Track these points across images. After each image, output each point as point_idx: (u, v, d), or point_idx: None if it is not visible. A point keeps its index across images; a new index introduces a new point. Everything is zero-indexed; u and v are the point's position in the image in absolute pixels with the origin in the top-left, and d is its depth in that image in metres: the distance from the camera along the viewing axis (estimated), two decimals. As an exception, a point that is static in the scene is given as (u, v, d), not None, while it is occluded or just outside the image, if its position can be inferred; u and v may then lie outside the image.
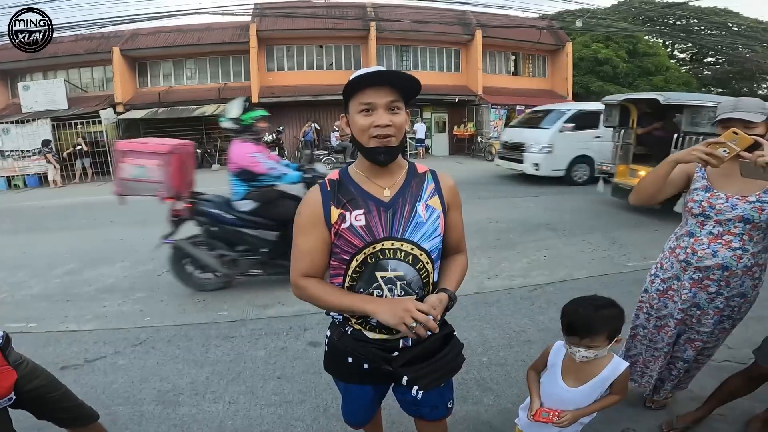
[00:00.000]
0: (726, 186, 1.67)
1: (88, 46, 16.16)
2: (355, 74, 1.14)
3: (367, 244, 1.17)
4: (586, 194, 8.53)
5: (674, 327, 1.83)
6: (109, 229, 6.67)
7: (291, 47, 17.31)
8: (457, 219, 1.33)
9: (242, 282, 4.08)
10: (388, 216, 1.18)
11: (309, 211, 1.22)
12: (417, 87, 1.17)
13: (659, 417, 2.02)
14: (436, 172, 1.31)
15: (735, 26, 24.75)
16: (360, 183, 1.23)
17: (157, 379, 2.58)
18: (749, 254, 1.64)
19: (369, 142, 1.15)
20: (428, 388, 1.23)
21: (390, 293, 1.19)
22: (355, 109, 1.15)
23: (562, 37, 18.78)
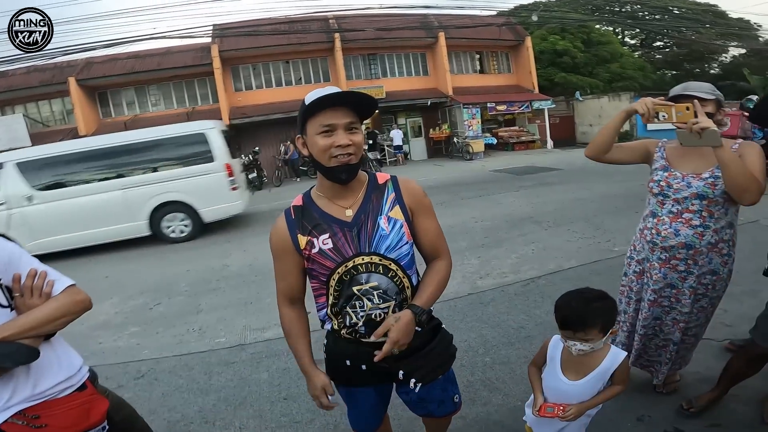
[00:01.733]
0: (682, 165, 1.76)
1: (42, 77, 15.62)
2: (313, 96, 1.18)
3: (339, 263, 1.24)
4: (565, 183, 8.77)
5: (648, 308, 1.87)
6: (92, 267, 6.51)
7: (257, 65, 17.18)
8: (426, 223, 1.33)
9: (236, 308, 4.04)
10: (354, 234, 1.24)
11: (277, 239, 1.30)
12: (374, 105, 1.23)
13: (674, 402, 2.05)
14: (397, 179, 1.34)
15: (676, 9, 25.85)
16: (322, 206, 1.28)
17: (165, 410, 2.55)
18: (711, 231, 1.70)
19: (330, 162, 1.19)
20: (425, 380, 1.31)
21: (369, 302, 1.26)
22: (314, 131, 1.19)
23: (520, 33, 19.26)
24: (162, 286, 5.03)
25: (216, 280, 5.00)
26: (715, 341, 2.50)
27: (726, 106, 1.76)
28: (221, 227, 8.40)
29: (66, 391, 1.18)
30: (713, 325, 2.62)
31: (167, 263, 6.18)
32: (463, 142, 16.37)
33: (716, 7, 26.68)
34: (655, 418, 1.98)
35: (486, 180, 10.56)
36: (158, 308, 4.34)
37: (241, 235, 7.50)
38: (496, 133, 17.92)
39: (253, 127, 16.36)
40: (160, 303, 4.48)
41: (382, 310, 1.27)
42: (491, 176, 11.16)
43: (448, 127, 17.80)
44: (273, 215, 8.79)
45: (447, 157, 17.63)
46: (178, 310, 4.21)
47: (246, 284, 4.71)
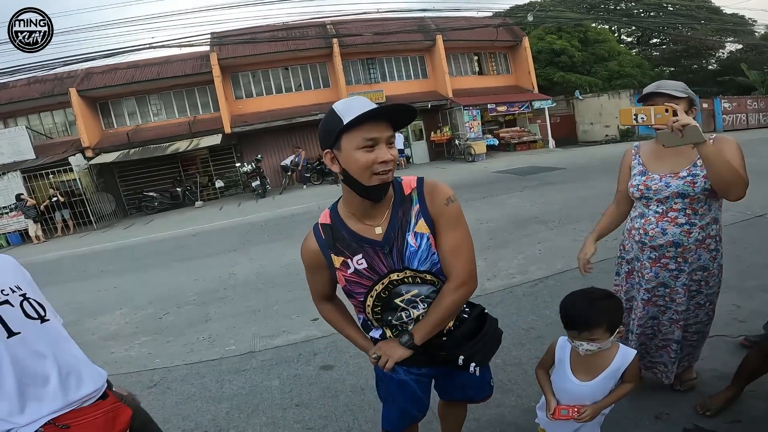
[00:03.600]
0: (659, 167, 1.79)
1: (43, 89, 15.66)
2: (350, 108, 1.10)
3: (375, 281, 1.25)
4: (568, 182, 8.76)
5: (643, 308, 1.87)
6: (101, 278, 6.53)
7: (256, 72, 17.26)
8: (444, 237, 1.23)
9: (244, 316, 4.06)
10: (386, 253, 1.24)
11: (310, 256, 1.31)
12: (414, 117, 1.18)
13: (691, 400, 2.04)
14: (422, 185, 1.26)
15: (670, 6, 25.91)
16: (351, 226, 1.25)
17: (179, 419, 2.56)
18: (697, 228, 1.72)
19: (371, 180, 1.12)
20: (483, 363, 1.32)
21: (415, 310, 1.27)
22: (354, 145, 1.10)
23: (518, 33, 19.31)
24: (170, 296, 5.05)
25: (223, 289, 5.01)
26: (729, 337, 2.49)
27: (697, 105, 1.76)
28: (228, 236, 8.44)
29: (91, 400, 1.20)
30: (727, 321, 2.63)
31: (174, 273, 6.20)
32: (464, 144, 16.39)
33: (710, 3, 26.74)
34: (673, 415, 1.97)
35: (489, 181, 10.55)
36: (168, 317, 4.36)
37: (247, 243, 7.52)
38: (497, 134, 17.94)
39: (255, 135, 16.42)
40: (169, 312, 4.50)
41: None
42: (494, 177, 11.15)
43: (449, 129, 17.83)
44: (277, 223, 8.86)
45: (449, 160, 17.65)
46: (188, 319, 4.22)
47: (253, 292, 4.73)
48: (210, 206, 14.44)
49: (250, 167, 14.66)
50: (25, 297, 1.20)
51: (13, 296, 1.17)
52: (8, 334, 1.10)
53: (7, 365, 1.08)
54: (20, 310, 1.16)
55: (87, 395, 1.19)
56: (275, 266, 5.59)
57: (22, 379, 1.09)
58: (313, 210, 9.89)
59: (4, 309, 1.12)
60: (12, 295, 1.17)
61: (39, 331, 1.17)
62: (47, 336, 1.19)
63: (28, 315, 1.17)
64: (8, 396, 1.08)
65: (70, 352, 1.24)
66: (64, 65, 13.78)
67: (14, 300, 1.16)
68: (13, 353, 1.09)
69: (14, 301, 1.16)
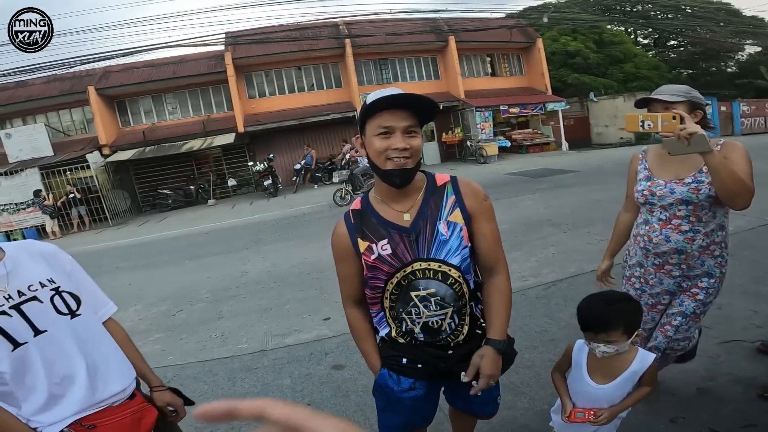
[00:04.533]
0: (664, 173, 1.76)
1: (61, 87, 15.93)
2: (374, 97, 1.16)
3: (397, 269, 1.23)
4: (582, 185, 8.67)
5: (647, 312, 1.86)
6: (115, 275, 6.63)
7: (269, 72, 17.37)
8: (485, 227, 1.28)
9: (256, 314, 4.09)
10: (412, 240, 1.23)
11: (339, 244, 1.31)
12: (434, 110, 1.21)
13: (707, 405, 2.02)
14: (457, 181, 1.30)
15: (688, 8, 25.49)
16: (380, 211, 1.27)
17: (191, 417, 2.56)
18: (701, 234, 1.69)
19: (385, 165, 1.18)
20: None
21: (426, 309, 1.24)
22: (372, 132, 1.17)
23: (531, 34, 19.15)
24: (183, 293, 5.11)
25: (236, 287, 5.06)
26: (746, 342, 2.47)
27: (702, 108, 1.70)
28: (240, 235, 8.52)
29: (120, 400, 1.20)
30: (745, 326, 2.62)
31: (187, 270, 6.27)
32: (476, 146, 16.28)
33: (729, 6, 26.25)
34: (689, 419, 1.96)
35: (501, 183, 10.48)
36: (181, 315, 4.41)
37: (259, 242, 7.57)
38: (509, 136, 17.79)
39: (267, 134, 16.53)
40: (182, 310, 4.55)
41: (440, 317, 1.26)
42: (506, 179, 11.07)
43: (460, 130, 17.74)
44: (289, 222, 8.91)
45: (460, 161, 17.54)
46: (200, 317, 4.27)
47: (265, 290, 4.76)
48: (222, 204, 14.58)
49: (262, 166, 14.76)
50: (58, 291, 1.18)
51: (42, 291, 1.15)
52: (35, 332, 1.09)
53: (38, 364, 1.07)
54: (50, 306, 1.14)
55: (115, 394, 1.18)
56: (287, 265, 5.62)
57: (50, 378, 1.09)
58: (323, 210, 9.92)
59: (30, 306, 1.11)
60: (42, 290, 1.15)
61: (68, 327, 1.15)
62: (77, 332, 1.17)
63: (58, 310, 1.15)
64: (36, 395, 1.07)
65: (101, 349, 1.22)
66: (82, 64, 14.02)
67: (44, 296, 1.14)
68: (41, 352, 1.08)
69: (44, 297, 1.14)
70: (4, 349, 1.04)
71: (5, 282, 1.10)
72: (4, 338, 1.04)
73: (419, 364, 1.31)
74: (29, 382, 1.07)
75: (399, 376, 1.35)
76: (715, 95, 18.55)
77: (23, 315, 1.08)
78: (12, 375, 1.05)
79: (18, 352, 1.05)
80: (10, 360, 1.04)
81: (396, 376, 1.35)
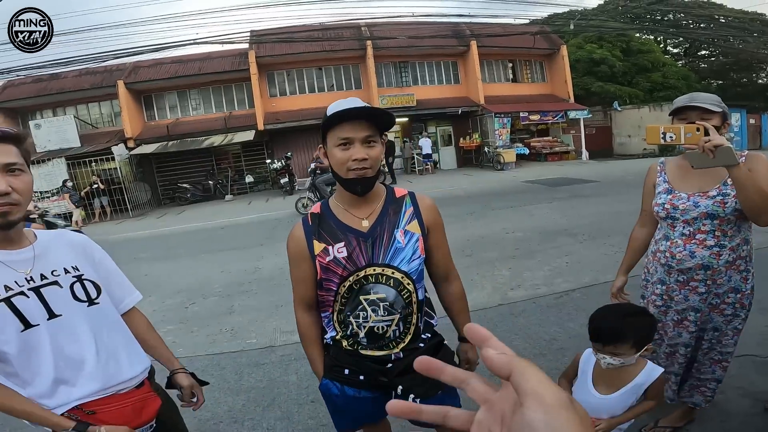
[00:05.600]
0: (686, 186, 1.68)
1: (93, 80, 16.46)
2: (332, 109, 1.21)
3: (351, 272, 1.26)
4: (601, 196, 8.52)
5: (673, 328, 1.79)
6: (133, 265, 6.77)
7: (291, 71, 17.59)
8: (440, 239, 1.37)
9: (267, 310, 4.13)
10: (368, 245, 1.26)
11: (294, 245, 1.33)
12: (391, 121, 1.25)
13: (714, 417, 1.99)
14: (414, 195, 1.37)
15: (722, 18, 24.86)
16: (339, 216, 1.31)
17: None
18: (728, 249, 1.62)
19: (347, 174, 1.22)
20: (426, 396, 1.29)
21: (374, 314, 1.26)
22: (333, 143, 1.22)
23: (555, 41, 18.93)
24: (197, 287, 5.20)
25: (248, 282, 5.12)
26: (759, 357, 2.42)
27: (729, 120, 1.65)
28: (255, 231, 8.63)
29: (126, 388, 1.20)
30: (759, 342, 2.57)
31: (202, 264, 6.38)
32: (494, 152, 16.16)
33: (764, 16, 25.53)
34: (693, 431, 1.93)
35: (517, 191, 10.37)
36: (193, 307, 4.49)
37: (273, 238, 7.67)
38: (528, 143, 17.61)
39: (286, 133, 16.74)
40: (195, 303, 4.63)
41: (386, 323, 1.27)
42: (523, 187, 10.96)
43: (478, 136, 17.63)
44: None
45: (477, 167, 17.45)
46: (212, 311, 4.33)
47: (277, 287, 4.80)
48: (239, 200, 14.81)
49: (279, 164, 14.95)
50: (80, 278, 1.20)
51: (65, 277, 1.17)
52: (49, 315, 1.10)
53: (47, 347, 1.08)
54: (68, 292, 1.16)
55: (121, 382, 1.19)
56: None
57: (58, 362, 1.09)
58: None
59: (50, 290, 1.12)
60: (64, 276, 1.17)
61: (83, 314, 1.17)
62: (91, 320, 1.18)
63: (76, 297, 1.17)
64: (42, 378, 1.08)
65: (114, 338, 1.23)
66: (115, 58, 14.47)
67: (65, 281, 1.16)
68: (52, 335, 1.09)
69: (64, 283, 1.16)
70: (13, 328, 1.04)
71: (30, 264, 1.12)
72: (17, 318, 1.05)
73: (361, 375, 1.33)
74: (35, 364, 1.08)
75: (343, 386, 1.37)
76: (744, 107, 18.00)
77: (41, 298, 1.10)
78: (17, 356, 1.05)
79: (27, 334, 1.06)
80: (17, 340, 1.05)
81: (340, 385, 1.37)
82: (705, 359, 1.83)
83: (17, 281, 1.08)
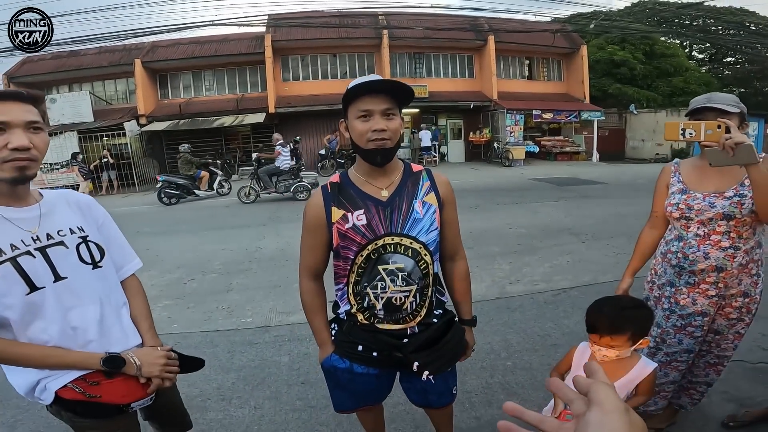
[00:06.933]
0: (702, 186, 1.64)
1: (111, 58, 16.64)
2: (354, 83, 1.24)
3: (370, 240, 1.27)
4: (608, 198, 8.43)
5: (674, 335, 1.75)
6: (135, 239, 6.81)
7: (305, 57, 17.53)
8: (453, 215, 1.41)
9: (265, 290, 4.15)
10: (387, 214, 1.28)
11: (312, 212, 1.33)
12: (411, 94, 1.27)
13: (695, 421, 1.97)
14: (430, 171, 1.40)
15: (752, 25, 24.28)
16: (359, 185, 1.32)
17: (185, 385, 2.60)
18: (742, 252, 1.59)
19: (367, 145, 1.24)
20: (438, 372, 1.33)
21: (392, 284, 1.28)
22: (353, 115, 1.25)
23: (576, 41, 18.62)
24: (197, 263, 5.22)
25: (248, 261, 5.15)
26: (748, 363, 2.41)
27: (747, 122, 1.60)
28: (258, 210, 8.66)
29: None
30: (750, 348, 2.54)
31: (204, 240, 6.42)
32: (503, 148, 16.00)
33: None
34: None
35: (524, 187, 10.29)
36: (192, 284, 4.51)
37: (276, 219, 7.70)
38: (539, 142, 17.43)
39: (297, 117, 16.73)
40: (194, 279, 4.66)
41: (404, 294, 1.28)
42: (530, 184, 10.87)
43: (489, 131, 17.47)
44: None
45: (485, 162, 17.31)
46: (210, 288, 4.35)
47: (277, 268, 4.82)
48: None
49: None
50: (85, 239, 1.18)
51: (70, 237, 1.15)
52: (55, 278, 1.08)
53: (51, 310, 1.06)
54: (75, 253, 1.14)
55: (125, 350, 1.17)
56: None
57: (63, 326, 1.07)
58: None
59: (56, 250, 1.10)
60: (70, 236, 1.15)
61: (89, 277, 1.15)
62: (96, 284, 1.16)
63: (81, 259, 1.15)
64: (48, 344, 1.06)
65: (116, 304, 1.22)
66: (134, 37, 14.60)
67: (71, 242, 1.14)
68: (57, 299, 1.07)
69: (70, 243, 1.14)
70: (19, 290, 1.02)
71: (36, 223, 1.10)
72: (23, 280, 1.02)
73: (374, 352, 1.34)
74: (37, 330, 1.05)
75: (352, 363, 1.38)
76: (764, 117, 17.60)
77: (47, 258, 1.07)
78: (19, 321, 1.03)
79: (33, 297, 1.03)
80: (21, 304, 1.02)
81: (349, 362, 1.38)
82: (700, 362, 1.81)
83: (24, 240, 1.06)
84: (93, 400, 1.10)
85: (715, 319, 1.71)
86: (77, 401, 1.10)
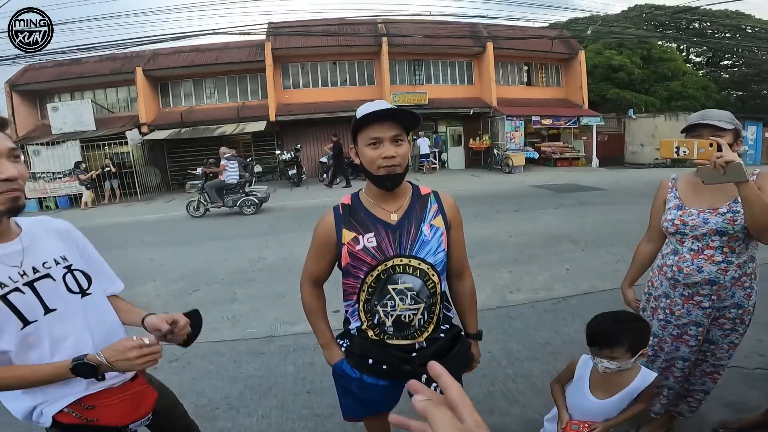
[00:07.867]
0: (696, 202, 1.70)
1: (112, 66, 16.68)
2: (362, 112, 1.28)
3: (380, 261, 1.32)
4: (607, 204, 8.48)
5: (671, 343, 1.81)
6: (139, 249, 6.87)
7: (305, 64, 17.64)
8: (459, 236, 1.46)
9: (269, 300, 4.20)
10: (396, 236, 1.34)
11: (324, 230, 1.40)
12: (418, 120, 1.32)
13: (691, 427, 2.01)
14: (438, 193, 1.46)
15: (748, 28, 24.42)
16: (369, 208, 1.38)
17: (193, 394, 2.66)
18: (735, 266, 1.64)
19: (378, 171, 1.30)
20: None
21: (401, 302, 1.34)
22: (363, 143, 1.30)
23: (574, 46, 18.74)
24: (201, 273, 5.26)
25: (252, 271, 5.19)
26: (745, 369, 2.45)
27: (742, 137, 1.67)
28: (260, 220, 8.72)
29: (121, 381, 1.19)
30: (747, 354, 2.57)
31: (208, 251, 6.46)
32: (503, 154, 16.06)
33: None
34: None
35: (524, 195, 10.34)
36: (196, 294, 4.55)
37: (278, 229, 7.74)
38: (538, 148, 17.49)
39: (297, 125, 16.81)
40: (198, 289, 4.70)
41: (412, 312, 1.34)
42: (530, 191, 10.92)
43: (488, 137, 17.54)
44: (309, 213, 9.05)
45: (485, 168, 17.37)
46: (215, 298, 4.39)
47: (280, 277, 4.87)
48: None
49: (288, 156, 15.05)
50: (70, 269, 1.17)
51: (56, 269, 1.14)
52: (45, 311, 1.07)
53: (44, 342, 1.06)
54: (62, 284, 1.13)
55: (116, 375, 1.17)
56: (304, 254, 5.63)
57: (56, 356, 1.07)
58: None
59: (43, 284, 1.09)
60: (55, 267, 1.14)
61: (78, 306, 1.15)
62: (86, 311, 1.16)
63: (69, 289, 1.14)
64: None
65: (108, 328, 1.21)
66: (136, 45, 14.71)
67: (57, 273, 1.13)
68: (49, 331, 1.07)
69: (56, 275, 1.13)
70: (13, 327, 1.01)
71: (20, 257, 1.07)
72: (16, 316, 1.02)
73: (384, 365, 1.40)
74: (33, 361, 1.05)
75: (362, 374, 1.43)
76: (762, 120, 17.68)
77: (36, 292, 1.06)
78: (16, 353, 1.03)
79: (26, 330, 1.03)
80: (17, 339, 1.02)
81: (359, 373, 1.44)
82: (697, 371, 1.86)
83: (11, 277, 1.04)
84: (91, 424, 1.11)
85: (710, 329, 1.76)
86: (76, 425, 1.10)
